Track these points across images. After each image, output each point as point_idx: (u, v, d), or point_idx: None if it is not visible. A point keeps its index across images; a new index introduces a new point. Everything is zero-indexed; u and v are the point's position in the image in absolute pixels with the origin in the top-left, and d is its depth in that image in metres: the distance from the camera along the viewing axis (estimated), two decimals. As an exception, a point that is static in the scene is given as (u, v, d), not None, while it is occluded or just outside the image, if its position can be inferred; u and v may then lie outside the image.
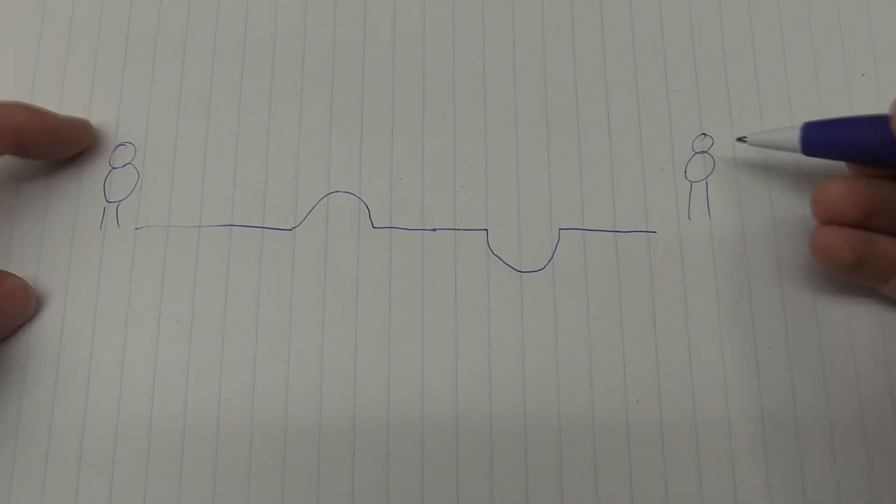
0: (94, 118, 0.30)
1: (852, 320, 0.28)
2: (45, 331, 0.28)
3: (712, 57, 0.31)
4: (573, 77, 0.31)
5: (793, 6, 0.32)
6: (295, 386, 0.28)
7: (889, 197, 0.26)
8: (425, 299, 0.28)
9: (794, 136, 0.27)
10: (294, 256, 0.29)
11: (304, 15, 0.32)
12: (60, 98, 0.31)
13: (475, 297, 0.28)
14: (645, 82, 0.31)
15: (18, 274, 0.28)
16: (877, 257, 0.25)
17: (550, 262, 0.29)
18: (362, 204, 0.29)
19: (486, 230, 0.29)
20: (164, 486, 0.27)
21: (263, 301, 0.28)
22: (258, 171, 0.30)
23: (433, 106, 0.31)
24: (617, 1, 0.32)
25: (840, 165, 0.27)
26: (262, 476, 0.27)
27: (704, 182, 0.30)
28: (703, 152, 0.30)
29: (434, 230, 0.29)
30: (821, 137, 0.26)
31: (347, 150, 0.30)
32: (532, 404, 0.27)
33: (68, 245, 0.29)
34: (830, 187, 0.26)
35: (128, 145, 0.30)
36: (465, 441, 0.27)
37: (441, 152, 0.30)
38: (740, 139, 0.29)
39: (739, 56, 0.31)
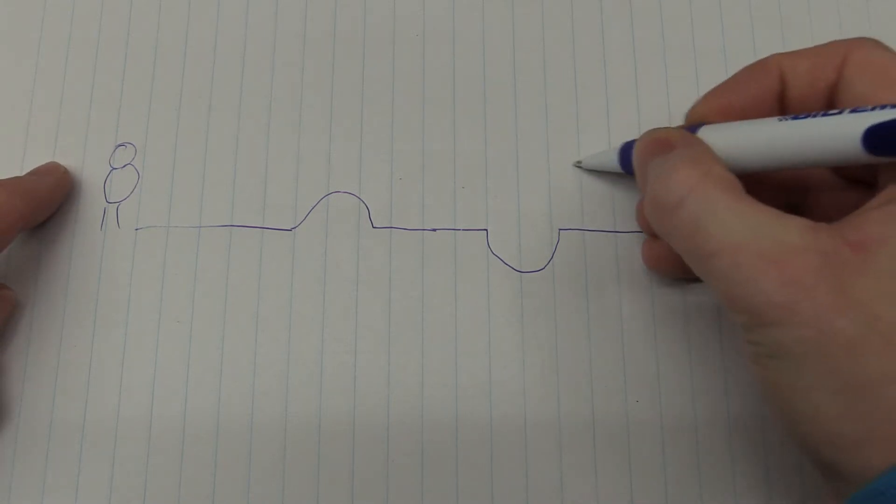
0: (94, 118, 0.30)
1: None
2: (44, 331, 0.28)
3: (712, 57, 0.31)
4: (573, 77, 0.31)
5: (793, 7, 0.32)
6: (295, 386, 0.28)
7: None
8: (425, 299, 0.28)
9: (616, 157, 0.27)
10: (294, 256, 0.29)
11: (303, 15, 0.32)
12: (60, 98, 0.31)
13: (475, 297, 0.28)
14: (645, 83, 0.31)
15: (18, 273, 0.28)
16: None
17: (550, 262, 0.29)
18: (362, 204, 0.29)
19: (486, 230, 0.29)
20: (164, 485, 0.27)
21: (263, 301, 0.28)
22: (258, 171, 0.30)
23: (433, 106, 0.31)
24: (617, 1, 0.32)
25: None
26: (262, 476, 0.27)
27: (704, 182, 0.30)
28: (703, 152, 0.30)
29: (434, 230, 0.29)
30: (628, 158, 0.26)
31: (347, 150, 0.30)
32: (532, 404, 0.27)
33: (68, 245, 0.29)
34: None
35: (128, 145, 0.30)
36: (465, 441, 0.27)
37: (441, 152, 0.30)
38: (577, 164, 0.30)
39: (739, 57, 0.31)
